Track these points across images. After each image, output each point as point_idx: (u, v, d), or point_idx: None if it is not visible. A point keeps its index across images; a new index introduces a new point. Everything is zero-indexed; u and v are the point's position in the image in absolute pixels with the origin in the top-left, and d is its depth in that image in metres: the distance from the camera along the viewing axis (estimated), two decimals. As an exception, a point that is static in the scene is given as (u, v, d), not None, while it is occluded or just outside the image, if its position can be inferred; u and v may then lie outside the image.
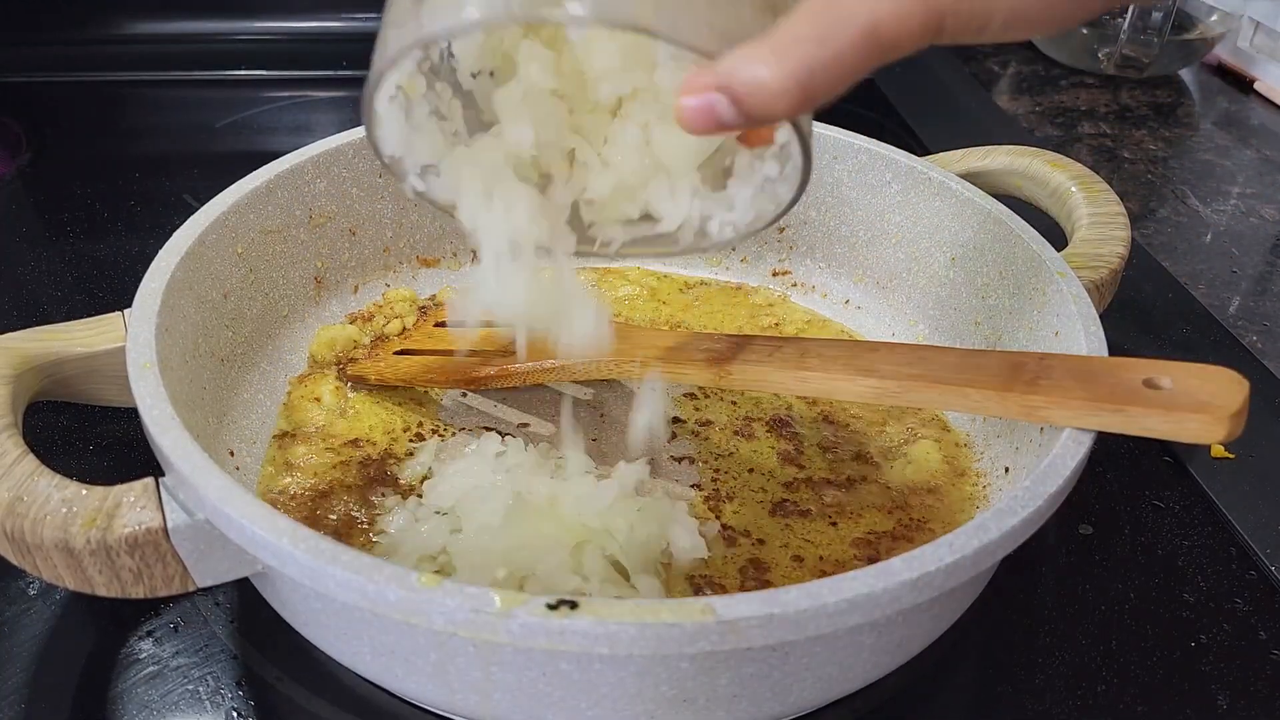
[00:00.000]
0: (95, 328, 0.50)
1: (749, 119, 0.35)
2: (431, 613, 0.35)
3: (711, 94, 0.34)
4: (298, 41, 1.10)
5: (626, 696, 0.38)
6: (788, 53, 0.33)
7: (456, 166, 0.43)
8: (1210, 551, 0.55)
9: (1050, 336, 0.53)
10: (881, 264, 0.68)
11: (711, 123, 0.35)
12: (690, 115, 0.35)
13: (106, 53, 1.06)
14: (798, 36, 0.33)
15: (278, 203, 0.60)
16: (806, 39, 0.33)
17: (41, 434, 0.57)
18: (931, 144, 0.92)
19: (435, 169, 0.43)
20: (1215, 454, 0.60)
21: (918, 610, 0.40)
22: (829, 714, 0.46)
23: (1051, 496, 0.41)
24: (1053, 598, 0.52)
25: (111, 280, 0.73)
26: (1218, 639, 0.50)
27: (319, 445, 0.56)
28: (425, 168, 0.43)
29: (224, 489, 0.39)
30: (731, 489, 0.55)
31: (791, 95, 0.33)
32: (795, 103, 0.34)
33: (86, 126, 0.96)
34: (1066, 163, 0.66)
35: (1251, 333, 0.73)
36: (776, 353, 0.52)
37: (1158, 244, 0.83)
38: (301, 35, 1.10)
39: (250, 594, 0.46)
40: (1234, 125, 1.04)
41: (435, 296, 0.69)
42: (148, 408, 0.43)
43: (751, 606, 0.35)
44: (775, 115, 0.34)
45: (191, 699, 0.46)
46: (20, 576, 0.50)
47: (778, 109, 0.34)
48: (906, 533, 0.52)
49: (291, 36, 1.10)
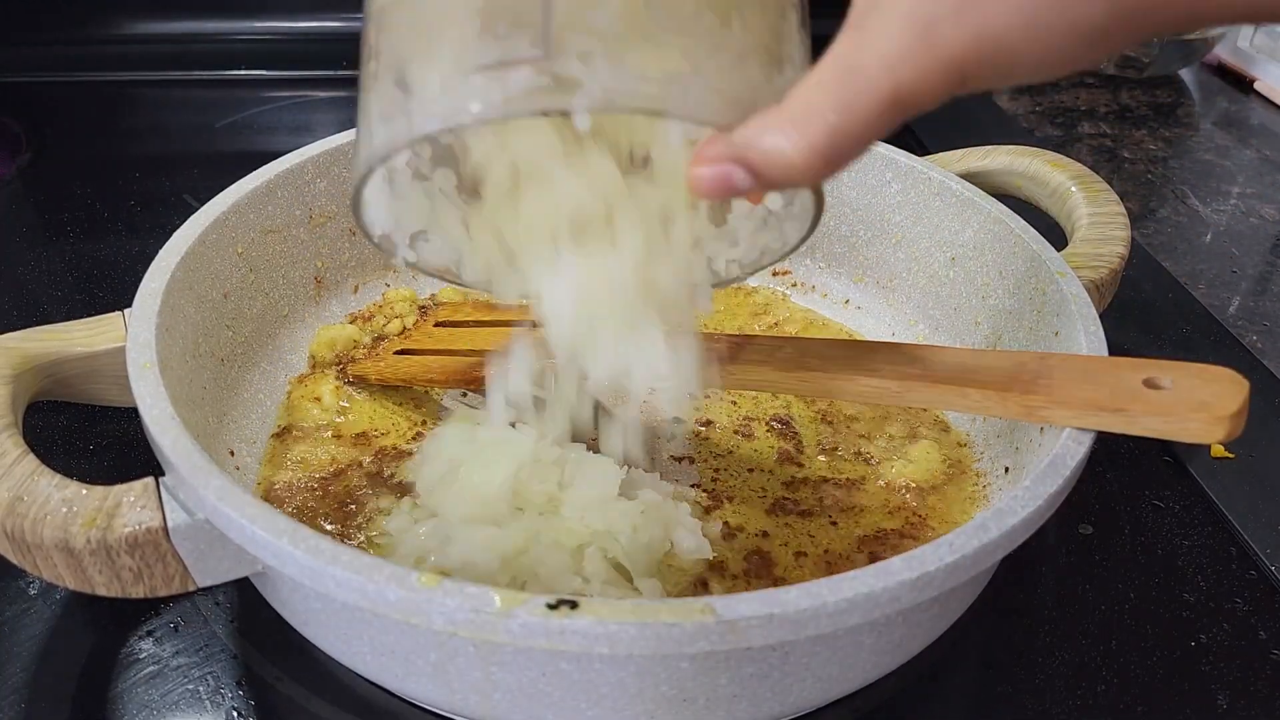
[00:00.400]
0: (95, 328, 0.50)
1: (767, 186, 0.34)
2: (431, 613, 0.35)
3: (727, 165, 0.34)
4: (298, 41, 1.10)
5: (626, 696, 0.38)
6: (808, 123, 0.33)
7: (454, 227, 0.42)
8: (1210, 551, 0.55)
9: (1050, 336, 0.53)
10: (881, 264, 0.68)
11: (726, 191, 0.35)
12: (705, 185, 0.35)
13: (106, 53, 1.06)
14: (817, 107, 0.33)
15: (278, 203, 0.60)
16: (826, 109, 0.33)
17: (41, 434, 0.57)
18: (931, 144, 0.92)
19: (424, 235, 0.43)
20: (1215, 454, 0.60)
21: (918, 610, 0.40)
22: (829, 714, 0.46)
23: (1051, 496, 0.41)
24: (1053, 598, 0.52)
25: (111, 280, 0.73)
26: (1218, 639, 0.50)
27: (319, 445, 0.56)
28: (414, 236, 0.43)
29: (224, 489, 0.39)
30: (732, 488, 0.55)
31: (814, 165, 0.33)
32: (818, 172, 0.34)
33: (86, 126, 0.96)
34: (1066, 163, 0.66)
35: (1251, 333, 0.73)
36: (777, 353, 0.52)
37: (1158, 244, 0.83)
38: (301, 35, 1.10)
39: (250, 594, 0.46)
40: (1234, 125, 1.04)
41: (435, 296, 0.69)
42: (148, 408, 0.43)
43: (751, 606, 0.35)
44: (796, 183, 0.34)
45: (191, 699, 0.46)
46: (20, 576, 0.50)
47: (799, 178, 0.34)
48: (907, 532, 0.52)
49: (291, 36, 1.10)
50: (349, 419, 0.58)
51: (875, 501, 0.54)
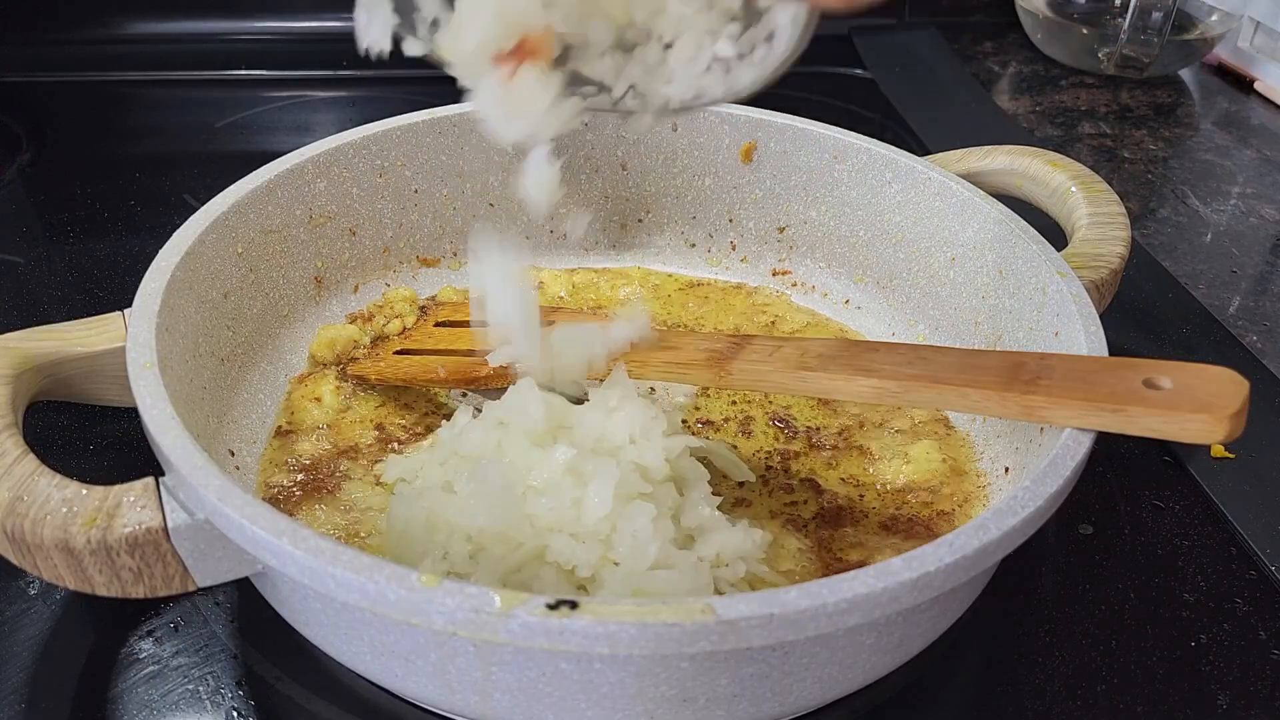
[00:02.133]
0: (95, 328, 0.50)
1: None
2: (431, 613, 0.35)
3: None
4: (298, 41, 1.10)
5: (626, 696, 0.38)
6: None
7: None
8: (1210, 551, 0.55)
9: (1050, 336, 0.53)
10: (881, 264, 0.68)
11: None
12: None
13: (106, 53, 1.06)
14: None
15: (278, 203, 0.60)
16: None
17: (41, 434, 0.57)
18: (931, 144, 0.92)
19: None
20: (1215, 454, 0.60)
21: (918, 610, 0.40)
22: (829, 714, 0.46)
23: (1051, 496, 0.41)
24: (1053, 598, 0.52)
25: (111, 280, 0.73)
26: (1218, 639, 0.50)
27: (319, 444, 0.56)
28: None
29: (224, 489, 0.39)
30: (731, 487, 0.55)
31: None
32: None
33: (86, 126, 0.96)
34: (1066, 163, 0.66)
35: (1251, 333, 0.73)
36: (777, 353, 0.52)
37: (1158, 244, 0.83)
38: (301, 35, 1.10)
39: (250, 594, 0.46)
40: (1234, 125, 1.04)
41: (435, 296, 0.69)
42: (148, 408, 0.43)
43: (751, 606, 0.35)
44: None
45: (191, 699, 0.46)
46: (20, 576, 0.50)
47: None
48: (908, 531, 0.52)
49: (291, 36, 1.10)
50: (349, 418, 0.58)
51: (875, 501, 0.54)
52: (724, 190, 0.71)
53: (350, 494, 0.53)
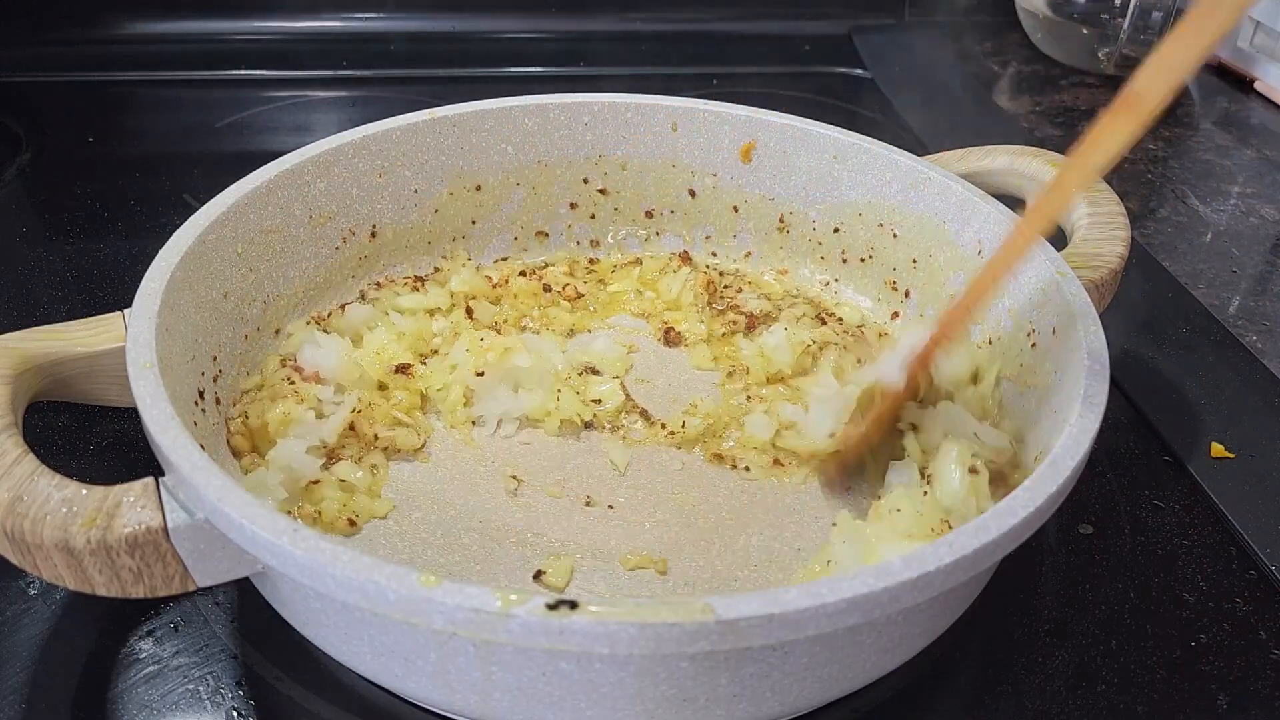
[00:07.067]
0: (95, 328, 0.50)
1: None
2: (431, 613, 0.35)
3: None
4: (298, 41, 1.10)
5: (626, 696, 0.38)
6: None
7: None
8: (1210, 551, 0.55)
9: (1050, 336, 0.53)
10: (881, 264, 0.68)
11: None
12: None
13: (106, 53, 1.06)
14: None
15: (278, 203, 0.60)
16: None
17: (41, 434, 0.57)
18: (931, 144, 0.92)
19: None
20: (1215, 454, 0.60)
21: (917, 610, 0.40)
22: (829, 714, 0.46)
23: (1052, 496, 0.41)
24: (1053, 598, 0.52)
25: (111, 280, 0.73)
26: (1218, 639, 0.50)
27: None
28: None
29: (224, 489, 0.39)
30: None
31: None
32: None
33: (86, 126, 0.96)
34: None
35: (1251, 333, 0.73)
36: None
37: (1158, 244, 0.83)
38: (301, 35, 1.10)
39: (250, 594, 0.46)
40: (1234, 125, 1.04)
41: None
42: (148, 408, 0.43)
43: (751, 606, 0.35)
44: None
45: (191, 699, 0.46)
46: (20, 576, 0.50)
47: None
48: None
49: (291, 36, 1.10)
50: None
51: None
52: (724, 190, 0.71)
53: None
